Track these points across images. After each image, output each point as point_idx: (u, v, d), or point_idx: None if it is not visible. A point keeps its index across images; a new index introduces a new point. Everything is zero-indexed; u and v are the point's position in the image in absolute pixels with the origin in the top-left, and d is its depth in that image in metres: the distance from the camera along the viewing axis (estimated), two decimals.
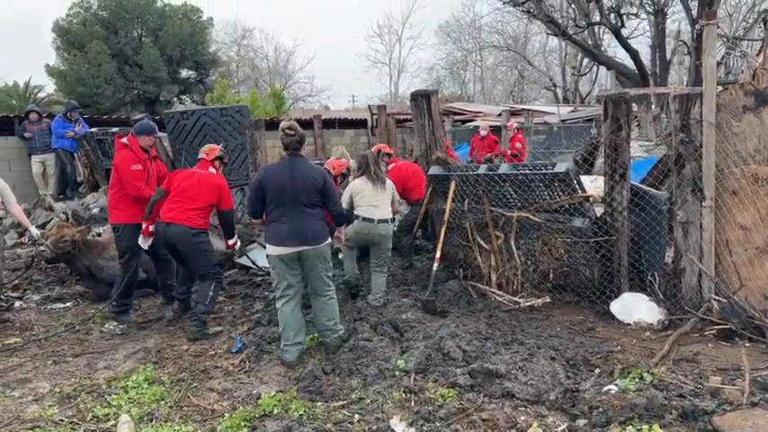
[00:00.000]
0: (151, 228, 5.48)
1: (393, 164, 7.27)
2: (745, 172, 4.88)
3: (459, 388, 3.93)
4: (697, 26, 13.78)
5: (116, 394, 4.08)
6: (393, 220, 5.88)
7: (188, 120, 8.47)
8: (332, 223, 4.99)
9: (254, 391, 4.08)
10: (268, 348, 4.84)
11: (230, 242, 5.71)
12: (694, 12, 18.34)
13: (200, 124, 8.47)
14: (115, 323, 5.68)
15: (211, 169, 5.45)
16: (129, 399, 4.01)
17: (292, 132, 4.56)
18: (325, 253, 4.60)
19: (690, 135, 4.94)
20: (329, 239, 4.71)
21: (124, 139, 5.68)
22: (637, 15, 19.65)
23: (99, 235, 7.47)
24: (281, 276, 4.56)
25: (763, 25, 17.32)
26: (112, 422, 3.68)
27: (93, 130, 9.13)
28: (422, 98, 6.23)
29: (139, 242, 5.55)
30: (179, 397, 4.04)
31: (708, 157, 4.91)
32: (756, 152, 4.87)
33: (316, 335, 4.91)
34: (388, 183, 5.82)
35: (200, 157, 5.58)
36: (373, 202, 5.63)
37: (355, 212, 5.62)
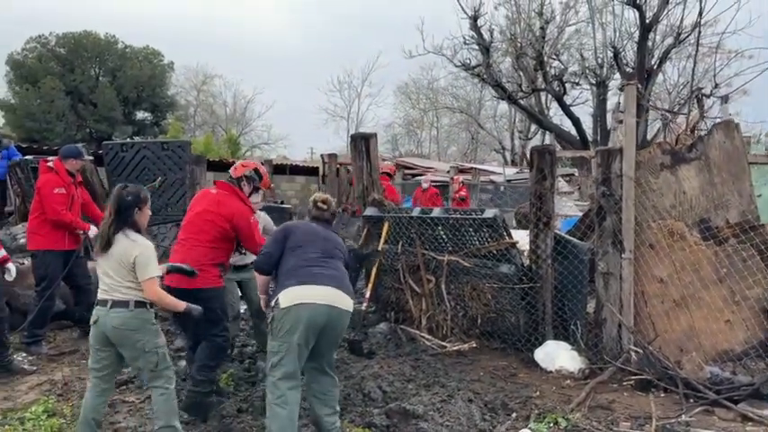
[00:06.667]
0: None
1: None
2: (662, 226, 5.10)
3: (374, 428, 3.86)
4: (617, 85, 14.73)
5: (10, 425, 3.83)
6: None
7: (127, 152, 8.35)
8: None
9: None
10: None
11: None
12: None
13: (140, 157, 8.36)
14: (24, 354, 5.36)
15: None
16: (24, 430, 3.77)
17: (325, 207, 3.78)
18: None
19: (610, 188, 5.15)
20: None
21: (50, 163, 5.54)
22: (579, 84, 20.78)
23: (22, 264, 7.13)
24: (291, 346, 3.20)
25: (696, 102, 18.48)
26: None
27: (27, 157, 8.85)
28: (361, 140, 6.33)
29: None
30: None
31: (627, 210, 5.11)
32: (672, 208, 5.11)
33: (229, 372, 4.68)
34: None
35: None
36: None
37: None
